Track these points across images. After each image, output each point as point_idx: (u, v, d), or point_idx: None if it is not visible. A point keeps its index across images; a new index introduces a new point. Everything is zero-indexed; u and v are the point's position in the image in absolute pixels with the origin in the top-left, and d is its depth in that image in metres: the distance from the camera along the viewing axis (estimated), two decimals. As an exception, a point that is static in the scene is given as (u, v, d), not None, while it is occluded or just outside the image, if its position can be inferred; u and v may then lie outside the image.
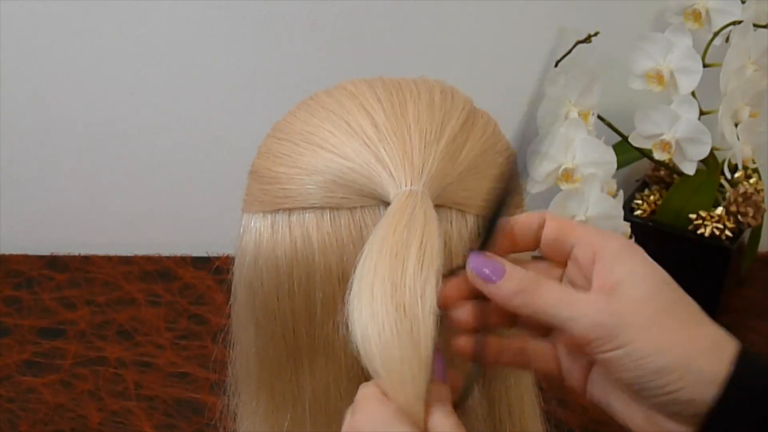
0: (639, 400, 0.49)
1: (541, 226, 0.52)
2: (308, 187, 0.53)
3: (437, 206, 0.51)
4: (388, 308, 0.46)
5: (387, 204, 0.51)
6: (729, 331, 0.50)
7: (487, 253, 0.50)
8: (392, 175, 0.51)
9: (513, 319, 0.53)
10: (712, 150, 1.01)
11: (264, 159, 0.57)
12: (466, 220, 0.53)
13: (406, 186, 0.51)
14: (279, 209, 0.54)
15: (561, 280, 0.53)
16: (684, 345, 0.48)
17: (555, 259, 0.53)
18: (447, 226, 0.53)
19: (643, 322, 0.48)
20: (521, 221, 0.52)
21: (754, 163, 1.09)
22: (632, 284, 0.49)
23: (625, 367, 0.48)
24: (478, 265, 0.50)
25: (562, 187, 0.95)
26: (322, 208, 0.53)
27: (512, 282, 0.50)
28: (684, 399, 0.47)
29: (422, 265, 0.47)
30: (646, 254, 0.51)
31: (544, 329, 0.53)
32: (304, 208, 0.53)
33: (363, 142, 0.53)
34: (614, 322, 0.48)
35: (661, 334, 0.48)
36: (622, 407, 0.51)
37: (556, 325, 0.49)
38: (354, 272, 0.49)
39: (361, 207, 0.53)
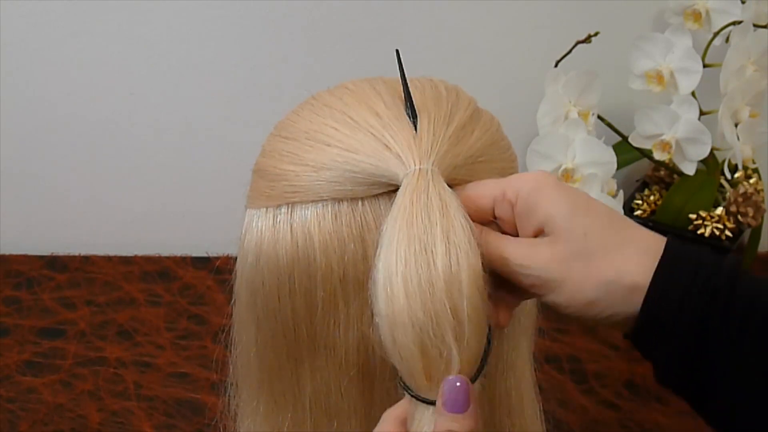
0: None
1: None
2: (317, 182, 0.53)
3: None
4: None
5: (394, 190, 0.51)
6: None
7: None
8: (399, 157, 0.51)
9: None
10: (712, 150, 1.01)
11: (269, 158, 0.57)
12: None
13: (414, 165, 0.51)
14: (284, 204, 0.54)
15: None
16: (615, 265, 0.50)
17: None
18: None
19: (570, 259, 0.51)
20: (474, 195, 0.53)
21: (754, 163, 1.09)
22: (553, 223, 0.51)
23: (561, 307, 0.52)
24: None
25: (562, 187, 0.95)
26: (325, 201, 0.53)
27: None
28: (615, 320, 0.51)
29: (449, 240, 0.48)
30: (557, 180, 0.53)
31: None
32: (310, 202, 0.53)
33: (367, 132, 0.53)
34: (547, 274, 0.51)
35: (588, 265, 0.50)
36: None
37: (502, 273, 0.52)
38: (379, 245, 0.49)
39: (362, 201, 0.53)
